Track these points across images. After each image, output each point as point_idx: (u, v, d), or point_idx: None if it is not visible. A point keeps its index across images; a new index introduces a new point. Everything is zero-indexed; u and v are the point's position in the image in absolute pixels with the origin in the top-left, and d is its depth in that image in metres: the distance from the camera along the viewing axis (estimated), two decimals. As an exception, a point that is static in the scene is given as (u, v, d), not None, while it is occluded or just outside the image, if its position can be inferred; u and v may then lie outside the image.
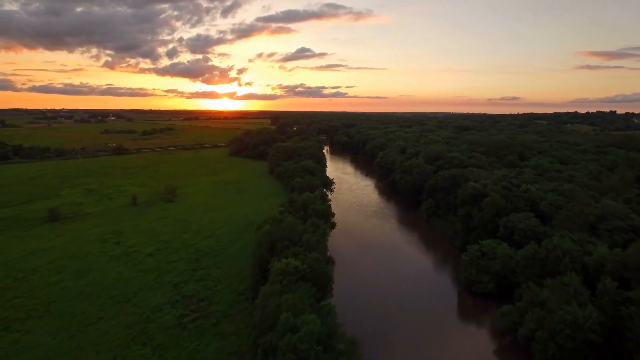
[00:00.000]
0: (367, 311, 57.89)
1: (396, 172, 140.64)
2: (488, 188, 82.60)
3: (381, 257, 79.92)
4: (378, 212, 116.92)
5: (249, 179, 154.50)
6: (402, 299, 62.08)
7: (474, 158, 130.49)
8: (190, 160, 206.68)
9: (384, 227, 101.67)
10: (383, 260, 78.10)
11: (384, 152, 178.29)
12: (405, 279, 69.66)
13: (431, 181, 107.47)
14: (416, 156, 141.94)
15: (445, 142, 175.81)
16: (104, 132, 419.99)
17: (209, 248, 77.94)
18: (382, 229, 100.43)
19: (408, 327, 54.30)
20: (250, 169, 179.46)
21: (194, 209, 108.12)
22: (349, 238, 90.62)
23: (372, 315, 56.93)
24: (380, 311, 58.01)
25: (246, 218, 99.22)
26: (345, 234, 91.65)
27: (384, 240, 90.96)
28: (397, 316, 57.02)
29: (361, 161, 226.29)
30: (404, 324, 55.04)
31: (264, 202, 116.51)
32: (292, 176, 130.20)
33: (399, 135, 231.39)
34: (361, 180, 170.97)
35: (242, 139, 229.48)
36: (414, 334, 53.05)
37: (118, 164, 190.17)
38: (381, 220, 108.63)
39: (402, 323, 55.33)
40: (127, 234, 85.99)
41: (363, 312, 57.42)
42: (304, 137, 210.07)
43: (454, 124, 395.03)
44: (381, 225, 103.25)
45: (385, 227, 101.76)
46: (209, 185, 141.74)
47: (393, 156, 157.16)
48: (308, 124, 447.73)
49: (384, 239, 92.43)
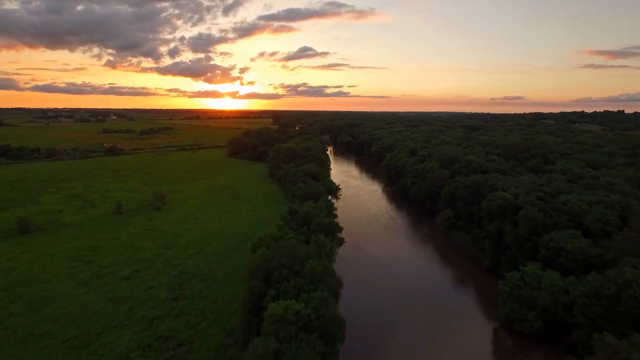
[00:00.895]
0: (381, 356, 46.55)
1: (407, 176, 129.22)
2: (520, 199, 71.08)
3: (395, 281, 68.47)
4: (389, 221, 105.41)
5: (247, 183, 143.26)
6: (425, 338, 50.69)
7: (492, 162, 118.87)
8: (186, 162, 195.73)
9: (396, 241, 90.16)
10: (398, 285, 66.63)
11: (391, 154, 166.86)
12: (427, 310, 58.19)
13: (449, 188, 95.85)
14: (429, 159, 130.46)
15: (458, 143, 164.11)
16: (101, 131, 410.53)
17: (196, 269, 66.69)
18: (395, 243, 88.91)
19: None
20: (248, 172, 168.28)
21: (184, 219, 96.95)
22: (357, 253, 79.26)
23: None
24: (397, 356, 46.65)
25: (241, 230, 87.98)
26: (353, 249, 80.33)
27: (398, 258, 79.45)
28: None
29: (366, 163, 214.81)
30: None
31: (261, 211, 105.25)
32: (293, 181, 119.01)
33: (406, 135, 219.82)
34: (368, 184, 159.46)
35: (241, 139, 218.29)
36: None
37: (110, 166, 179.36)
38: (393, 232, 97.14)
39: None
40: (104, 250, 74.85)
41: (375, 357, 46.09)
42: (306, 137, 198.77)
43: (460, 124, 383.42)
44: (393, 239, 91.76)
45: (397, 241, 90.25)
46: (203, 191, 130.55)
47: (402, 159, 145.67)
48: (310, 124, 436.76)
49: (398, 256, 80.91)
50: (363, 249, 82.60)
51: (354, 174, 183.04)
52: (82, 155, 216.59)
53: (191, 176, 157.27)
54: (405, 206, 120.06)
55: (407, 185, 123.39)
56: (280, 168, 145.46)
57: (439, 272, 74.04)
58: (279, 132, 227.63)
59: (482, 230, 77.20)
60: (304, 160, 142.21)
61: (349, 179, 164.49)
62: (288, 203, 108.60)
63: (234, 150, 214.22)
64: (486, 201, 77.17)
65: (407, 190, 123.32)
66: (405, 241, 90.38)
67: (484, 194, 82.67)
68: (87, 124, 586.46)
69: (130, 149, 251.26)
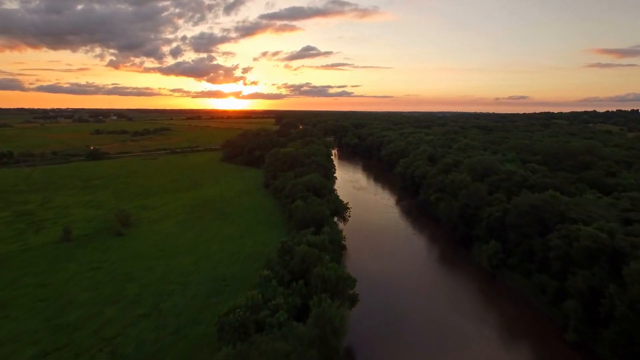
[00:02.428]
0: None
1: (428, 189, 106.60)
2: (618, 239, 48.33)
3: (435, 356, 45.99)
4: (412, 251, 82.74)
5: (237, 196, 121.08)
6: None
7: (535, 172, 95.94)
8: (173, 168, 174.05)
9: (427, 286, 67.43)
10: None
11: (406, 160, 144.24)
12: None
13: (494, 212, 72.91)
14: (455, 168, 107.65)
15: (484, 147, 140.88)
16: (94, 132, 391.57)
17: (137, 346, 44.50)
18: (425, 289, 66.13)
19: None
20: (241, 181, 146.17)
21: (148, 250, 74.87)
22: (376, 304, 56.81)
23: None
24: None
25: (218, 271, 65.71)
26: (370, 298, 57.83)
27: (433, 315, 56.82)
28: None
29: (375, 168, 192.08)
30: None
31: (249, 238, 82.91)
32: (290, 196, 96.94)
33: (419, 138, 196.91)
34: (379, 196, 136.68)
35: (236, 142, 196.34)
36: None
37: (84, 173, 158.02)
38: (419, 268, 74.45)
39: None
40: (12, 309, 52.72)
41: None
42: (309, 140, 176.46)
43: (469, 124, 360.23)
44: (422, 280, 69.05)
45: (429, 286, 67.52)
46: (183, 207, 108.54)
47: (421, 167, 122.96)
48: (314, 124, 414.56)
49: (432, 310, 58.26)
50: (382, 297, 60.00)
51: (362, 182, 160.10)
52: (61, 159, 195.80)
53: (174, 186, 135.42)
54: (429, 228, 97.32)
55: (429, 201, 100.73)
56: (277, 178, 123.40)
57: (497, 342, 51.26)
58: (279, 134, 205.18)
59: (553, 279, 54.46)
60: (305, 168, 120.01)
61: (357, 191, 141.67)
62: (283, 228, 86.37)
63: (228, 154, 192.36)
64: (558, 237, 54.49)
65: (430, 206, 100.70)
66: (438, 285, 67.56)
67: (549, 224, 59.95)
68: (85, 124, 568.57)
69: (117, 153, 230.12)
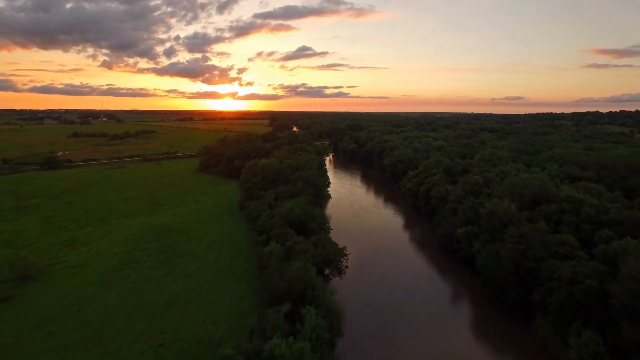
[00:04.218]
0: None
1: (452, 216, 79.89)
2: None
3: None
4: (445, 329, 55.65)
5: (203, 223, 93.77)
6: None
7: (613, 201, 69.29)
8: (138, 181, 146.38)
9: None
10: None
11: (415, 172, 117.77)
12: None
13: (577, 278, 45.71)
14: (487, 189, 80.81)
15: (513, 158, 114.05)
16: (71, 135, 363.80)
17: None
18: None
19: None
20: (214, 199, 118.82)
21: (28, 336, 47.14)
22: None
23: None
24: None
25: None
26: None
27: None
28: None
29: (376, 179, 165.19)
30: None
31: (197, 306, 55.32)
32: (265, 232, 70.09)
33: (427, 143, 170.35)
34: (384, 219, 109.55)
35: (215, 148, 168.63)
36: None
37: (26, 188, 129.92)
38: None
39: None
40: None
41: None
42: (298, 146, 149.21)
43: (475, 126, 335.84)
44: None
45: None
46: (125, 241, 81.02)
47: (439, 184, 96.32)
48: (308, 126, 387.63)
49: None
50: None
51: (361, 199, 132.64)
52: (9, 169, 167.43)
53: (127, 208, 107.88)
54: (459, 277, 70.31)
55: (455, 235, 73.89)
56: (253, 198, 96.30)
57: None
58: (264, 139, 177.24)
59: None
60: (289, 187, 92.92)
61: (355, 211, 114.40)
62: (253, 280, 58.88)
63: (206, 163, 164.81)
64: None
65: (455, 241, 74.01)
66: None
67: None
68: (70, 126, 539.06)
69: (82, 160, 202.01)
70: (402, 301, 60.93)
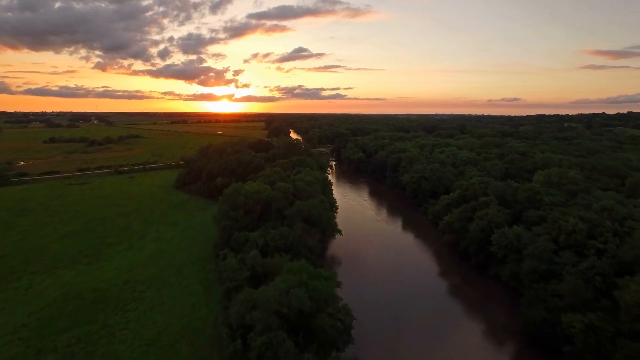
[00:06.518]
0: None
1: (542, 286, 50.45)
2: None
3: None
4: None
5: (158, 283, 63.53)
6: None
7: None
8: (93, 204, 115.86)
9: None
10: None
11: (450, 197, 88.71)
12: None
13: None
14: (595, 242, 51.40)
15: (588, 181, 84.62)
16: (48, 141, 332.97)
17: None
18: None
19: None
20: (183, 233, 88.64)
21: None
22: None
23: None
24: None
25: None
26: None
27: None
28: None
29: (390, 198, 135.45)
30: None
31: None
32: (244, 326, 40.18)
33: (452, 153, 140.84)
34: (414, 269, 79.86)
35: (194, 161, 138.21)
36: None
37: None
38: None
39: None
40: None
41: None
42: (297, 159, 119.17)
43: (494, 130, 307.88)
44: None
45: None
46: (24, 325, 50.85)
47: (502, 226, 66.98)
48: (306, 130, 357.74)
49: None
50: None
51: (376, 232, 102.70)
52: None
53: (61, 250, 77.52)
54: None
55: (563, 328, 44.59)
56: (231, 242, 66.27)
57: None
58: (255, 149, 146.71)
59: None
60: (284, 229, 63.06)
61: (385, 267, 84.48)
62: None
63: (183, 179, 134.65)
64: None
65: (568, 339, 44.76)
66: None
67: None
68: (56, 129, 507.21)
69: (40, 173, 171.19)
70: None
